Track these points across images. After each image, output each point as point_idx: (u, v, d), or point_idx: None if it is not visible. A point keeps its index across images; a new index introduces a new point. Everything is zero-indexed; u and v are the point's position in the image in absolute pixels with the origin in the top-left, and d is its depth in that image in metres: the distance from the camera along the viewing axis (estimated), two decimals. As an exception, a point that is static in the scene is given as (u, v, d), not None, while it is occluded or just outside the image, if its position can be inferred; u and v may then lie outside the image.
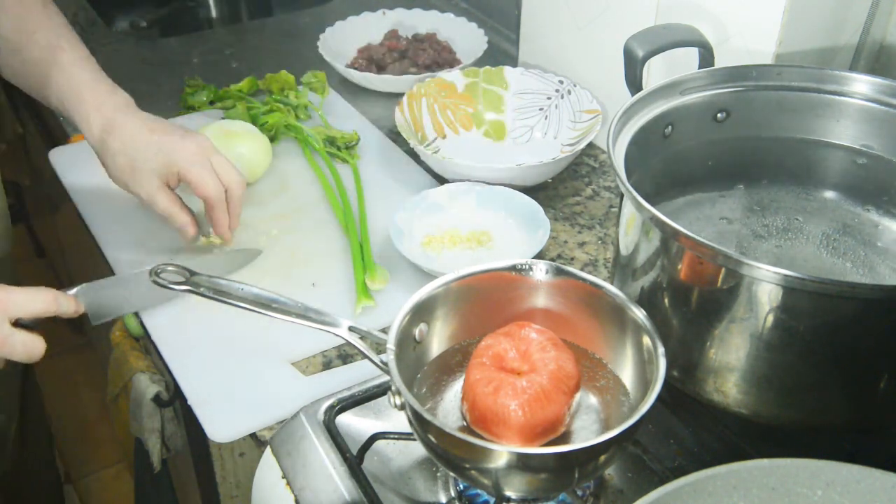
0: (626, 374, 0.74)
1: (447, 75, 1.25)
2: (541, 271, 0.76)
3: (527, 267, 0.76)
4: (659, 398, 0.65)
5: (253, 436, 0.84)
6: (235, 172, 0.99)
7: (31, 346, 0.81)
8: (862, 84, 0.85)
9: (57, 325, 0.86)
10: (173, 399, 1.03)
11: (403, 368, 0.70)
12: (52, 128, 1.43)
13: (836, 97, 0.86)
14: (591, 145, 1.24)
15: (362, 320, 0.94)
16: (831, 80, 0.86)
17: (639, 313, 0.71)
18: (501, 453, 0.63)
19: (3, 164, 2.18)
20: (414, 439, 0.72)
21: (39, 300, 0.82)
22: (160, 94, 1.37)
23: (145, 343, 1.07)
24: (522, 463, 0.63)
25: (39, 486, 1.33)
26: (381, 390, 0.82)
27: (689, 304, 0.73)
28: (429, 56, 1.40)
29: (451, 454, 0.66)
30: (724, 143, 0.88)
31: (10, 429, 1.18)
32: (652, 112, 0.83)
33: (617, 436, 0.62)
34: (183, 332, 0.93)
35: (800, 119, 0.87)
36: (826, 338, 0.68)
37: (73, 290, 0.86)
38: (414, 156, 1.20)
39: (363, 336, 0.75)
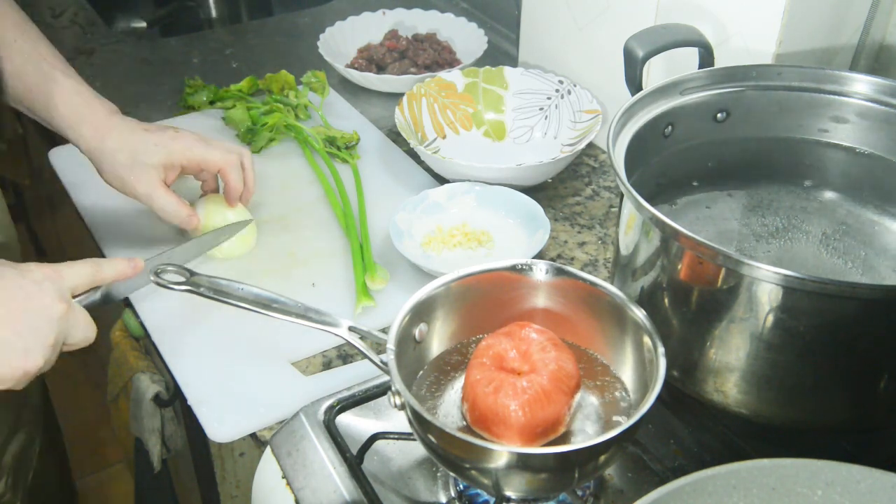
0: (626, 374, 0.74)
1: (447, 75, 1.25)
2: (541, 271, 0.76)
3: (527, 267, 0.76)
4: (659, 398, 0.65)
5: (253, 436, 0.84)
6: (238, 147, 1.01)
7: (89, 325, 0.81)
8: (862, 84, 0.85)
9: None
10: (173, 399, 1.03)
11: (403, 368, 0.70)
12: (52, 128, 1.43)
13: (836, 97, 0.86)
14: (591, 145, 1.24)
15: (362, 320, 0.94)
16: (831, 80, 0.86)
17: (639, 313, 0.71)
18: (501, 453, 0.63)
19: (3, 164, 2.17)
20: (414, 439, 0.72)
21: (84, 268, 0.82)
22: (160, 94, 1.37)
23: (145, 343, 1.07)
24: (522, 463, 0.63)
25: (53, 491, 1.34)
26: (381, 390, 0.82)
27: (689, 304, 0.73)
28: (429, 56, 1.40)
29: (451, 454, 0.66)
30: (724, 143, 0.88)
31: (32, 449, 1.18)
32: (652, 112, 0.83)
33: (617, 436, 0.62)
34: (183, 333, 0.93)
35: (800, 119, 0.88)
36: (826, 338, 0.68)
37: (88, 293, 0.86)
38: (414, 156, 1.20)
39: (363, 336, 0.75)
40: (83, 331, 0.81)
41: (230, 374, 0.89)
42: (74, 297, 0.81)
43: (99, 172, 1.01)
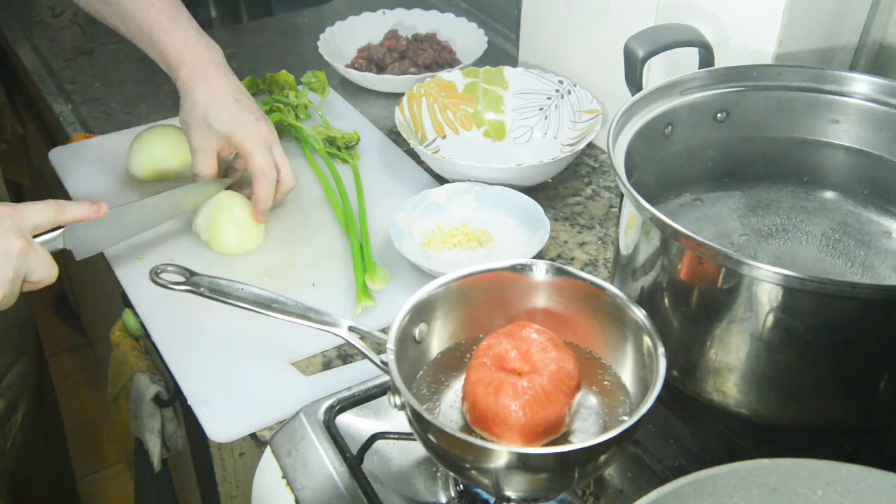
0: (626, 374, 0.74)
1: (447, 75, 1.25)
2: (541, 271, 0.76)
3: (527, 267, 0.76)
4: (659, 398, 0.65)
5: (253, 436, 0.84)
6: (290, 167, 1.05)
7: (51, 263, 0.84)
8: (862, 84, 0.85)
9: (57, 324, 0.86)
10: (173, 399, 1.03)
11: (403, 368, 0.70)
12: (52, 128, 1.43)
13: (836, 97, 0.86)
14: (591, 145, 1.24)
15: (362, 320, 0.94)
16: (831, 80, 0.86)
17: (639, 313, 0.71)
18: (501, 453, 0.63)
19: (3, 164, 2.17)
20: (414, 439, 0.72)
21: (45, 207, 0.85)
22: (160, 94, 1.37)
23: (145, 343, 1.07)
24: (522, 463, 0.63)
25: (49, 483, 1.34)
26: (381, 390, 0.82)
27: (689, 304, 0.73)
28: (429, 56, 1.40)
29: (451, 454, 0.66)
30: (724, 143, 0.88)
31: (15, 416, 1.18)
32: (652, 112, 0.83)
33: (617, 436, 0.62)
34: (183, 332, 0.93)
35: (800, 119, 0.87)
36: (826, 338, 0.68)
37: (58, 231, 0.89)
38: (414, 156, 1.20)
39: (363, 336, 0.75)
40: (45, 268, 0.83)
41: (230, 374, 0.89)
42: (37, 236, 0.84)
43: (180, 107, 1.05)
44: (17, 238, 0.80)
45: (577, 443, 0.68)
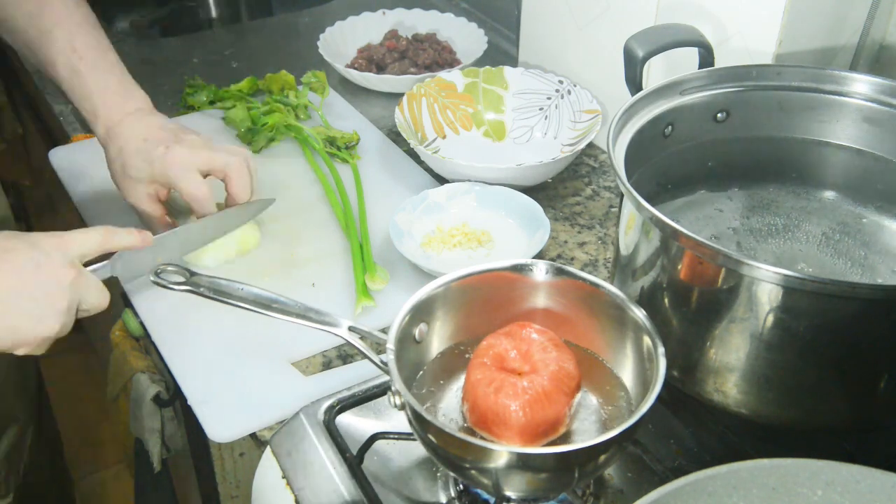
0: (626, 374, 0.74)
1: (447, 75, 1.25)
2: (541, 271, 0.76)
3: (527, 267, 0.76)
4: (659, 398, 0.65)
5: (253, 436, 0.84)
6: (232, 150, 0.99)
7: (102, 291, 0.84)
8: (862, 84, 0.85)
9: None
10: (173, 399, 1.03)
11: (403, 368, 0.70)
12: (52, 128, 1.43)
13: (836, 97, 0.86)
14: (591, 145, 1.24)
15: (362, 320, 0.94)
16: (831, 80, 0.86)
17: (639, 313, 0.71)
18: (501, 453, 0.63)
19: (3, 164, 2.17)
20: (414, 439, 0.72)
21: (93, 235, 0.84)
22: (160, 94, 1.37)
23: (145, 343, 1.07)
24: (522, 463, 0.63)
25: (51, 494, 1.34)
26: (381, 390, 0.82)
27: (689, 304, 0.73)
28: (429, 56, 1.40)
29: (451, 454, 0.66)
30: (724, 143, 0.88)
31: (26, 438, 1.18)
32: (652, 112, 0.83)
33: (617, 436, 0.62)
34: (183, 332, 0.93)
35: (800, 119, 0.88)
36: (826, 338, 0.68)
37: (108, 260, 0.88)
38: (414, 156, 1.20)
39: (363, 336, 0.75)
40: (96, 296, 0.83)
41: (230, 374, 0.89)
42: (86, 265, 0.84)
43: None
44: (68, 268, 0.80)
45: (577, 443, 0.68)
